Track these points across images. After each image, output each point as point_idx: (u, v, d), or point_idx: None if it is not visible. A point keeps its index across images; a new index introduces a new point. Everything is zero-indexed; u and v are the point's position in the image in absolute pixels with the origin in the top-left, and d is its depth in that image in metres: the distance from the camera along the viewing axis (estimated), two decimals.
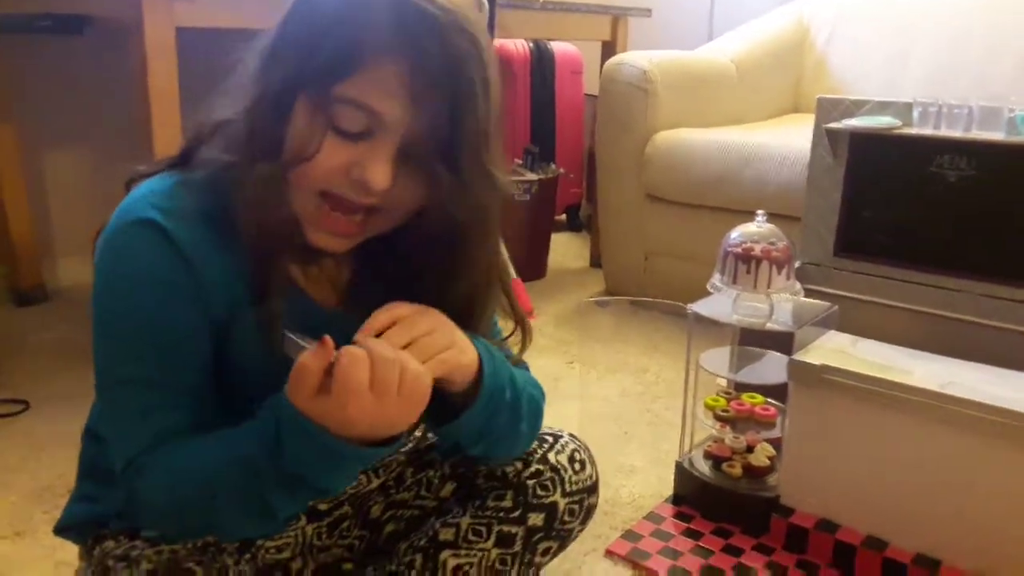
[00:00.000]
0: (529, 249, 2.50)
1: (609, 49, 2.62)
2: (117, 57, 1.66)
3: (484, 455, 0.84)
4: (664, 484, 1.35)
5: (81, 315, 1.92)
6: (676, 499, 1.30)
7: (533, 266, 2.53)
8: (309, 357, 0.64)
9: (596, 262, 2.65)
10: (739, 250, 1.21)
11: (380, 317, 0.70)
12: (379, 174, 0.68)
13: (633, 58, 2.25)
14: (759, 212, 1.24)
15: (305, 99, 0.68)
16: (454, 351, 0.73)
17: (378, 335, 0.69)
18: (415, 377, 0.66)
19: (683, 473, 1.30)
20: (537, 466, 0.90)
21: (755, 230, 1.23)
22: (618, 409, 1.64)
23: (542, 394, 0.88)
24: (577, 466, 0.92)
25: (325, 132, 0.68)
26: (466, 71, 0.67)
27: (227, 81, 0.74)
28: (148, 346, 0.71)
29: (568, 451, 0.93)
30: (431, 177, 0.70)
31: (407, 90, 0.67)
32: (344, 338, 0.66)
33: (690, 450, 1.33)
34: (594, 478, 0.94)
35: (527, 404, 0.83)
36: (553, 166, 2.67)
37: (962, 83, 2.29)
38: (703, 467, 1.29)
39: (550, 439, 0.93)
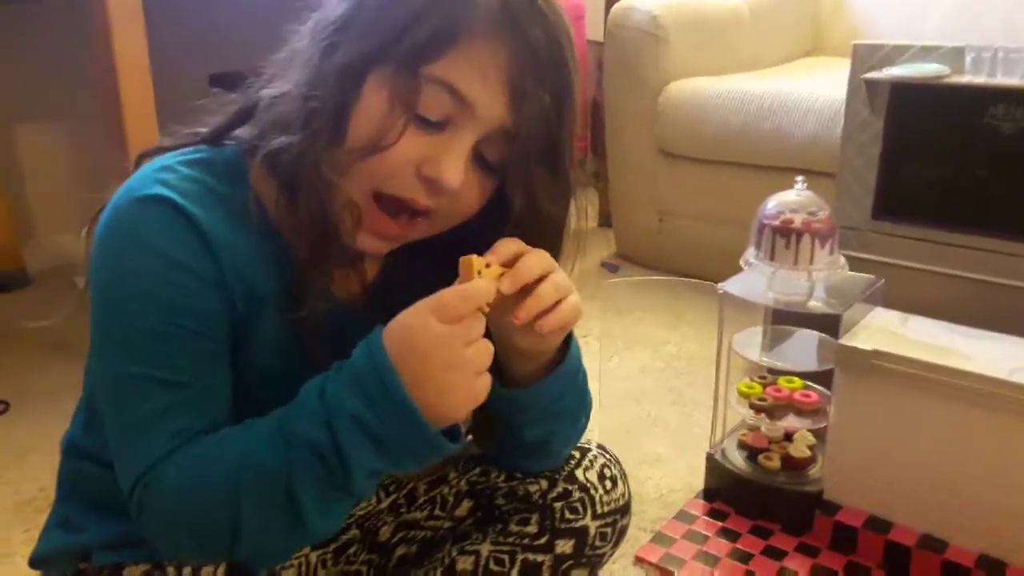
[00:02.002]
0: None
1: None
2: (82, 24, 1.51)
3: (544, 439, 0.76)
4: (694, 475, 1.25)
5: (66, 301, 1.84)
6: (708, 494, 1.20)
7: None
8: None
9: (606, 221, 2.52)
10: (777, 222, 1.08)
11: (508, 246, 0.64)
12: (454, 171, 0.62)
13: (642, 2, 2.09)
14: (798, 178, 1.11)
15: (383, 79, 0.61)
16: (578, 296, 0.67)
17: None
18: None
19: (715, 466, 1.19)
20: (564, 485, 0.82)
21: (793, 199, 1.10)
22: (639, 388, 1.54)
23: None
24: (608, 484, 0.84)
25: (407, 119, 0.61)
26: (567, 63, 0.64)
27: (275, 54, 0.67)
28: (165, 339, 0.62)
29: (598, 467, 0.84)
30: (520, 181, 0.65)
31: (505, 77, 0.61)
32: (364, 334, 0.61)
33: (722, 439, 1.22)
34: (627, 496, 0.86)
35: (587, 393, 0.79)
36: None
37: (988, 23, 2.14)
38: (737, 459, 1.19)
39: (577, 454, 0.85)
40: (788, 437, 1.19)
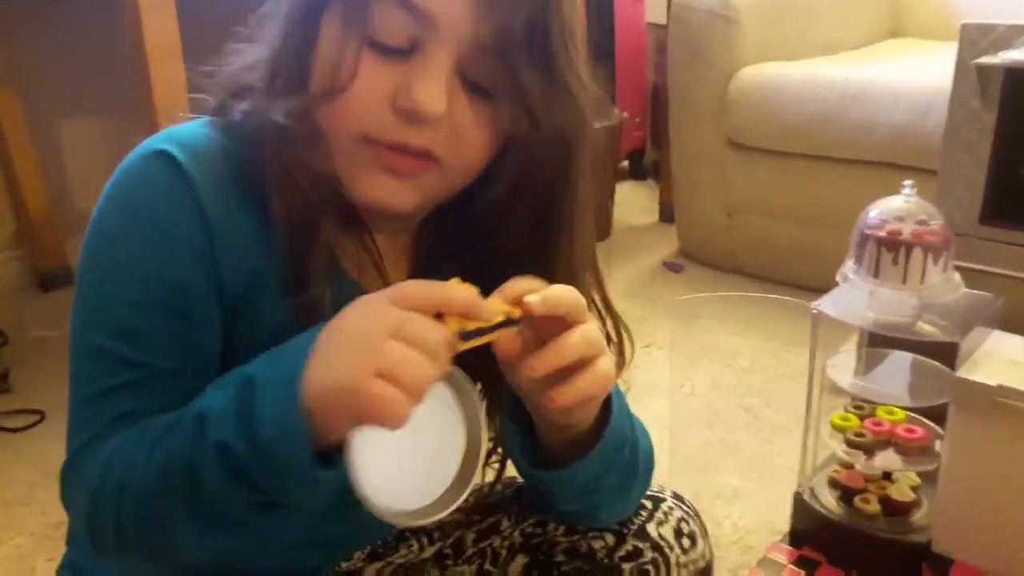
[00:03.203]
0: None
1: None
2: (116, 18, 1.44)
3: (584, 512, 0.68)
4: (775, 513, 1.12)
5: None
6: (794, 538, 1.07)
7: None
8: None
9: (667, 216, 2.38)
10: (882, 233, 0.94)
11: (518, 285, 0.53)
12: (430, 93, 0.53)
13: None
14: (906, 182, 0.96)
15: (335, 11, 0.55)
16: (610, 361, 0.56)
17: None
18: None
19: (803, 506, 1.06)
20: (634, 543, 0.71)
21: (900, 205, 0.96)
22: (710, 408, 1.40)
23: (649, 440, 0.70)
24: (686, 541, 0.73)
25: (360, 48, 0.54)
26: None
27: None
28: (137, 310, 0.56)
29: (673, 521, 0.74)
30: (511, 94, 0.55)
31: None
32: None
33: (811, 476, 1.08)
34: (708, 557, 0.74)
35: (643, 459, 0.68)
36: (615, 110, 2.38)
37: None
38: (828, 499, 1.05)
39: (649, 504, 0.74)
40: (887, 476, 1.05)
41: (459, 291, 0.50)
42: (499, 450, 0.71)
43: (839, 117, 1.75)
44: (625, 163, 2.90)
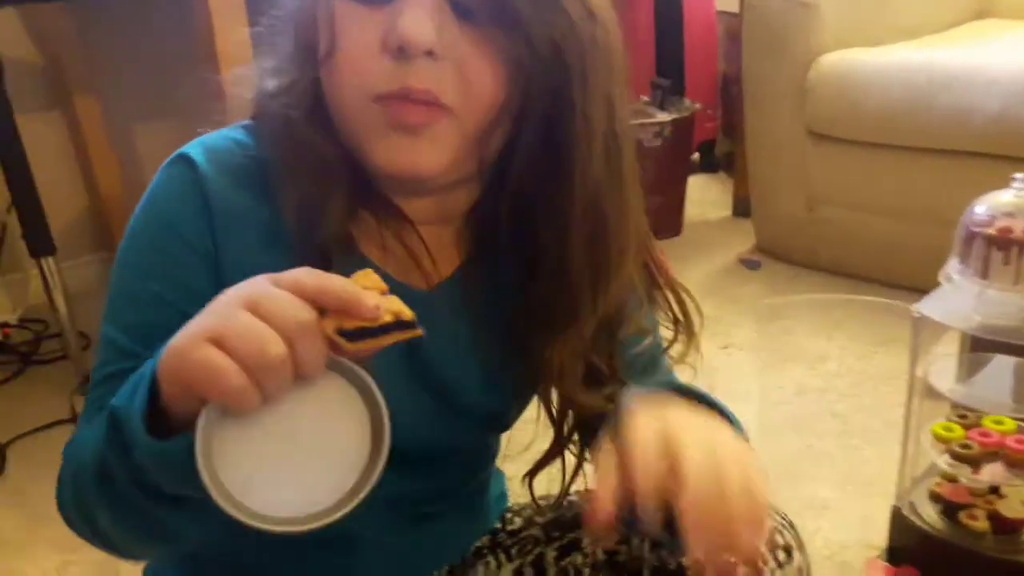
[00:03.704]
0: (661, 203, 2.17)
1: None
2: (186, 22, 1.45)
3: None
4: (869, 527, 1.07)
5: None
6: (893, 555, 1.01)
7: (667, 222, 2.21)
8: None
9: (741, 210, 2.30)
10: (992, 231, 0.87)
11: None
12: (415, 23, 0.51)
13: None
14: (1016, 176, 0.89)
15: None
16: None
17: None
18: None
19: (903, 521, 1.00)
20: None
21: (1011, 200, 0.89)
22: (797, 414, 1.34)
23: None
24: (781, 554, 0.69)
25: (342, 4, 0.53)
26: None
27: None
28: (133, 303, 0.58)
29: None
30: (499, 14, 0.52)
31: None
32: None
33: (910, 489, 1.02)
34: (805, 571, 0.70)
35: None
36: (687, 101, 2.31)
37: None
38: (930, 515, 0.99)
39: None
40: (995, 491, 0.98)
41: (341, 282, 0.44)
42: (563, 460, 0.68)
43: (928, 105, 1.66)
44: (695, 155, 2.83)
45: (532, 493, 0.72)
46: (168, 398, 0.45)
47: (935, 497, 1.00)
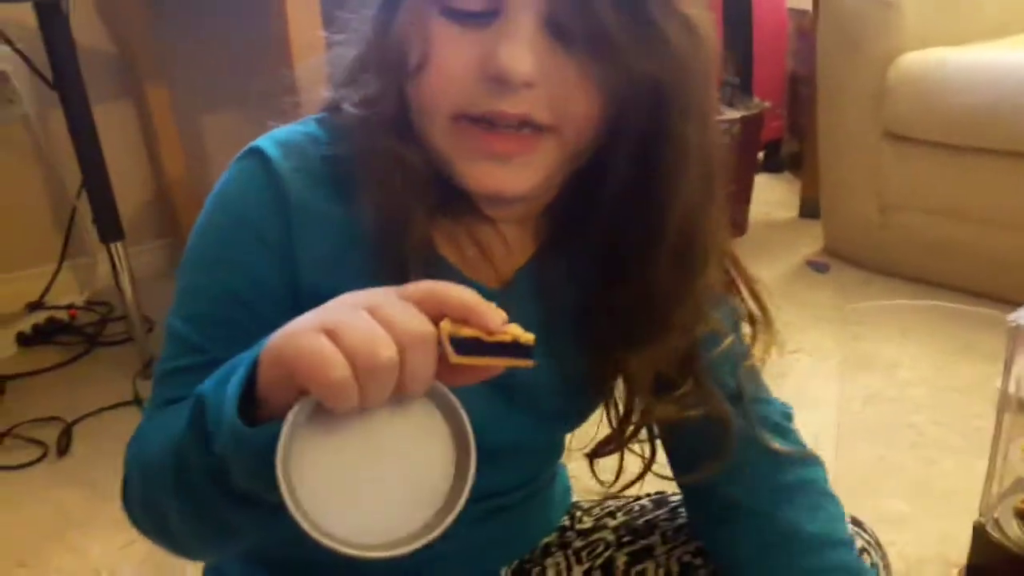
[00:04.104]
0: (727, 203, 2.12)
1: None
2: (261, 16, 1.46)
3: None
4: (948, 544, 1.02)
5: None
6: (973, 573, 0.95)
7: (732, 223, 2.14)
8: None
9: (808, 211, 2.25)
10: None
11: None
12: (515, 55, 0.49)
13: None
14: None
15: None
16: None
17: None
18: None
19: (985, 538, 0.94)
20: None
21: None
22: (869, 424, 1.29)
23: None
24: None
25: (438, 19, 0.51)
26: None
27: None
28: (201, 297, 0.57)
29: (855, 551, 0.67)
30: (597, 41, 0.50)
31: None
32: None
33: (994, 505, 0.97)
34: None
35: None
36: (756, 99, 2.25)
37: None
38: (1017, 532, 0.93)
39: None
40: None
41: (469, 292, 0.42)
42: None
43: (1014, 106, 1.59)
44: (760, 155, 2.77)
45: (594, 470, 0.71)
46: (266, 384, 0.44)
47: (1021, 514, 0.95)
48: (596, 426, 0.69)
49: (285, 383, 0.42)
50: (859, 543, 0.68)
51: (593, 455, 0.70)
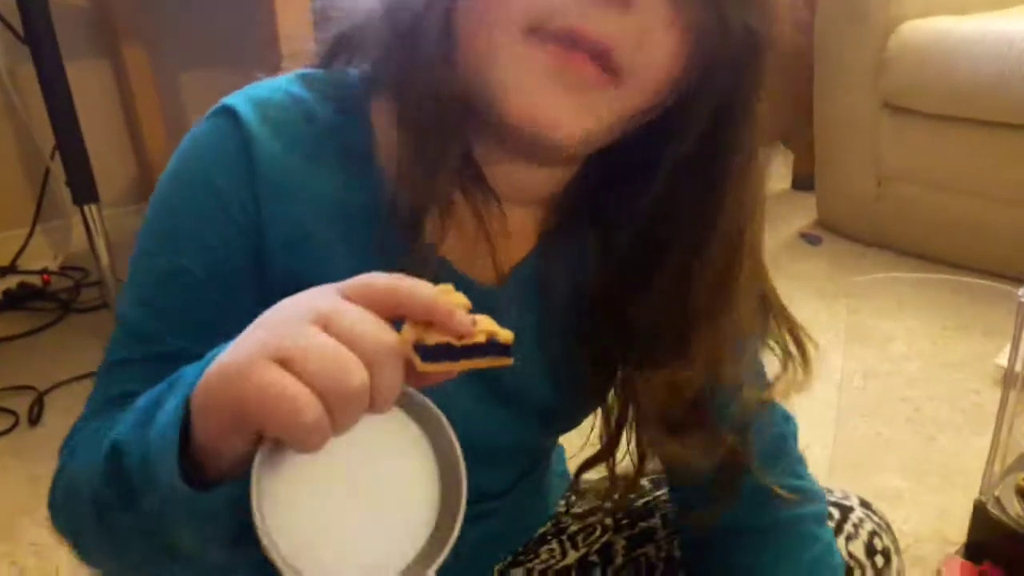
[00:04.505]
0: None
1: None
2: None
3: None
4: (946, 521, 1.00)
5: None
6: (972, 550, 0.94)
7: None
8: None
9: (801, 183, 2.22)
10: None
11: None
12: None
13: None
14: None
15: None
16: None
17: None
18: None
19: (985, 516, 0.93)
20: None
21: None
22: (864, 400, 1.27)
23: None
24: (879, 560, 0.64)
25: None
26: None
27: None
28: (154, 277, 0.49)
29: (864, 535, 0.65)
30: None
31: None
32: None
33: (995, 482, 0.95)
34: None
35: None
36: None
37: None
38: (1017, 510, 0.92)
39: (836, 513, 0.65)
40: None
41: (431, 290, 0.36)
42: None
43: (1018, 79, 1.55)
44: None
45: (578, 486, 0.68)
46: (202, 433, 0.37)
47: (1022, 492, 0.93)
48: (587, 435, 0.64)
49: (231, 429, 0.36)
50: (869, 526, 0.66)
51: (580, 472, 0.65)
